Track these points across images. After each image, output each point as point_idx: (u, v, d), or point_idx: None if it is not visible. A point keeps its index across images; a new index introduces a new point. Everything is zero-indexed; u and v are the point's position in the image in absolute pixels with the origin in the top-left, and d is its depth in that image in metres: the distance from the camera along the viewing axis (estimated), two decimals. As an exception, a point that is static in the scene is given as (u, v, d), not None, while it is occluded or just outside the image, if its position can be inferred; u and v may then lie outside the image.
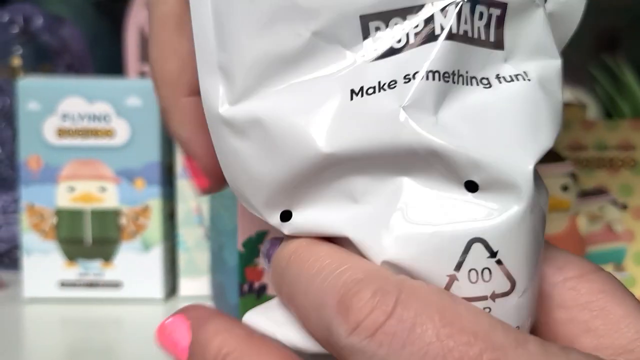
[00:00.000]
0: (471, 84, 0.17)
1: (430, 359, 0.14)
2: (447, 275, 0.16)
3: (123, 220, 0.39)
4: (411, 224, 0.16)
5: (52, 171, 0.39)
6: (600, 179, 0.38)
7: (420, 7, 0.17)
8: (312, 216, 0.18)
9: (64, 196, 0.39)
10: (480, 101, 0.17)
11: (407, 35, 0.17)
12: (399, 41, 0.17)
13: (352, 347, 0.15)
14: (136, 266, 0.40)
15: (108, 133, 0.39)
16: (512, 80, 0.17)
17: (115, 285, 0.40)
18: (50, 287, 0.40)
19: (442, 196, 0.17)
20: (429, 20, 0.17)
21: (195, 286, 0.40)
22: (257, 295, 0.31)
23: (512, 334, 0.14)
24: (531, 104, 0.17)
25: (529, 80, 0.18)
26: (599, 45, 0.67)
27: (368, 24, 0.17)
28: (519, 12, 0.18)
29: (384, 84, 0.16)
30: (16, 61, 0.47)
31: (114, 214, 0.39)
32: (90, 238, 0.40)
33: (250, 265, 0.31)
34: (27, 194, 0.39)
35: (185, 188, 0.40)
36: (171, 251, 0.42)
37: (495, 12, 0.17)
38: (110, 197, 0.39)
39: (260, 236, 0.31)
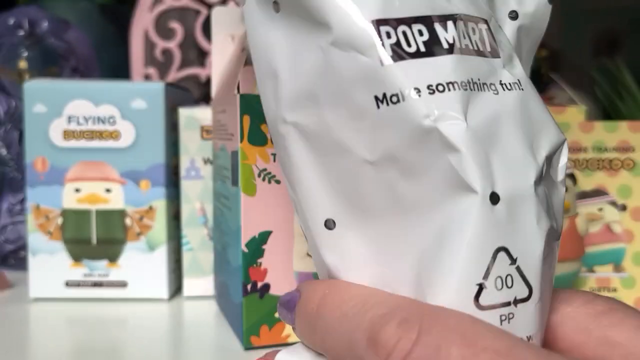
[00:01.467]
0: (484, 90, 0.18)
1: None
2: (477, 284, 0.17)
3: (128, 221, 0.40)
4: None
5: (58, 172, 0.40)
6: (600, 180, 0.39)
7: (426, 18, 0.18)
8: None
9: (70, 197, 0.40)
10: (493, 107, 0.18)
11: (417, 42, 0.17)
12: (410, 46, 0.17)
13: None
14: (141, 266, 0.40)
15: (113, 135, 0.39)
16: (511, 89, 0.18)
17: (121, 285, 0.40)
18: (56, 287, 0.40)
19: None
20: (434, 32, 0.18)
21: (199, 286, 0.41)
22: (260, 294, 0.31)
23: (533, 350, 0.15)
24: (525, 115, 0.18)
25: (522, 89, 0.18)
26: (599, 47, 0.67)
27: (380, 28, 0.17)
28: (497, 27, 0.19)
29: (407, 92, 0.17)
30: (22, 64, 0.48)
31: (119, 214, 0.40)
32: (95, 238, 0.40)
33: (253, 265, 0.31)
34: (33, 195, 0.40)
35: (190, 189, 0.40)
36: (176, 251, 0.42)
37: (483, 26, 0.19)
38: (115, 198, 0.40)
39: (263, 236, 0.31)
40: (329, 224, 0.19)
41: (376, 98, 0.17)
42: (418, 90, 0.17)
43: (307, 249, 0.31)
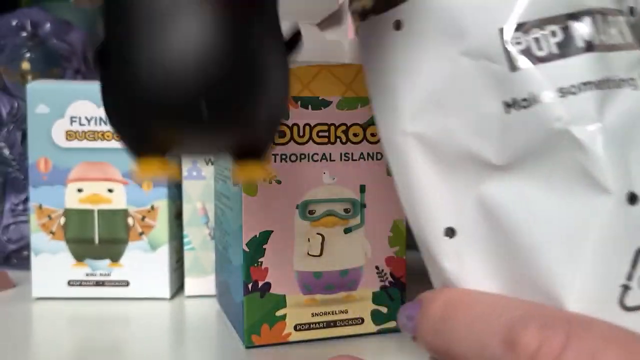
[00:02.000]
0: (621, 87, 0.18)
1: None
2: (620, 286, 0.17)
3: (130, 221, 0.40)
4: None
5: (60, 173, 0.40)
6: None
7: (559, 17, 0.18)
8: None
9: (72, 197, 0.40)
10: (631, 104, 0.17)
11: (549, 45, 0.17)
12: (541, 50, 0.17)
13: None
14: (143, 266, 0.40)
15: (115, 136, 0.39)
16: None
17: (123, 284, 0.40)
18: (58, 287, 0.40)
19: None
20: (568, 31, 0.17)
21: (201, 285, 0.41)
22: (261, 293, 0.32)
23: None
24: None
25: None
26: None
27: (510, 35, 0.17)
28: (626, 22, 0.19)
29: (537, 96, 0.17)
30: (25, 65, 0.48)
31: (122, 214, 0.40)
32: (97, 238, 0.40)
33: (254, 265, 0.31)
34: (36, 195, 0.40)
35: (191, 189, 0.41)
36: (178, 251, 0.42)
37: (621, 18, 0.18)
38: (117, 198, 0.40)
39: (264, 236, 0.31)
40: (449, 233, 0.19)
41: (505, 103, 0.17)
42: (549, 94, 0.17)
43: (308, 250, 0.32)
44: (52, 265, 0.40)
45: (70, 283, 0.40)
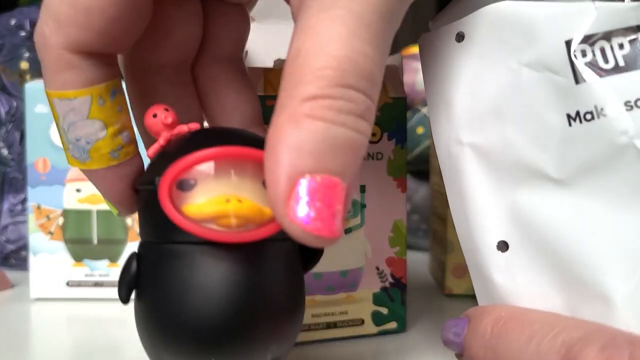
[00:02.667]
0: None
1: None
2: None
3: (129, 221, 0.40)
4: None
5: (59, 173, 0.40)
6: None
7: (628, 30, 0.17)
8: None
9: (71, 197, 0.40)
10: None
11: (615, 57, 0.17)
12: (607, 63, 0.17)
13: None
14: (142, 266, 0.40)
15: (114, 135, 0.39)
16: None
17: (121, 285, 0.40)
18: (57, 287, 0.40)
19: None
20: (635, 43, 0.17)
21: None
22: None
23: None
24: None
25: None
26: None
27: (575, 47, 0.17)
28: None
29: (601, 109, 0.17)
30: (24, 65, 0.48)
31: (120, 214, 0.40)
32: (96, 238, 0.40)
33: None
34: (34, 195, 0.40)
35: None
36: (176, 252, 0.42)
37: None
38: (116, 198, 0.40)
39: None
40: (502, 246, 0.19)
41: (568, 116, 0.17)
42: (615, 107, 0.17)
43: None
44: (50, 266, 0.40)
45: (69, 283, 0.40)
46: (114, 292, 0.40)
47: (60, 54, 0.18)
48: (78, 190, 0.40)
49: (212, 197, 0.19)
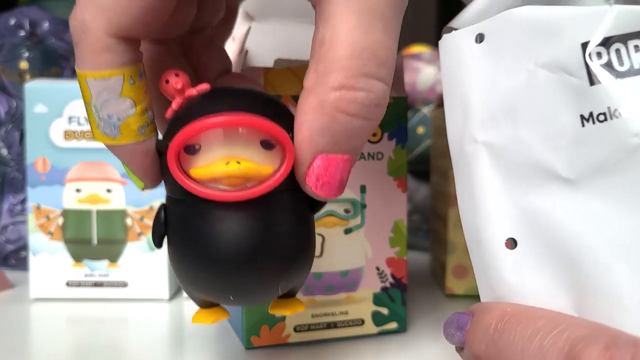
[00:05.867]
0: None
1: None
2: None
3: (129, 221, 0.40)
4: None
5: (58, 173, 0.40)
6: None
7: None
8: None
9: (71, 197, 0.40)
10: None
11: (631, 60, 0.17)
12: (622, 65, 0.17)
13: None
14: (142, 266, 0.40)
15: (114, 135, 0.39)
16: None
17: (121, 285, 0.40)
18: (57, 287, 0.40)
19: None
20: None
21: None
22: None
23: None
24: None
25: None
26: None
27: (590, 49, 0.18)
28: None
29: (615, 110, 0.17)
30: (23, 65, 0.48)
31: (120, 215, 0.40)
32: (96, 239, 0.40)
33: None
34: (34, 195, 0.40)
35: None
36: (176, 252, 0.42)
37: None
38: (116, 198, 0.40)
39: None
40: (511, 243, 0.19)
41: (582, 117, 0.17)
42: (628, 109, 0.17)
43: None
44: (50, 266, 0.40)
45: (69, 284, 0.40)
46: (113, 292, 0.40)
47: (99, 37, 0.20)
48: (78, 190, 0.40)
49: (214, 160, 0.21)
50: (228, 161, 0.21)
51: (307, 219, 0.24)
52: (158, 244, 0.24)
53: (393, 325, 0.33)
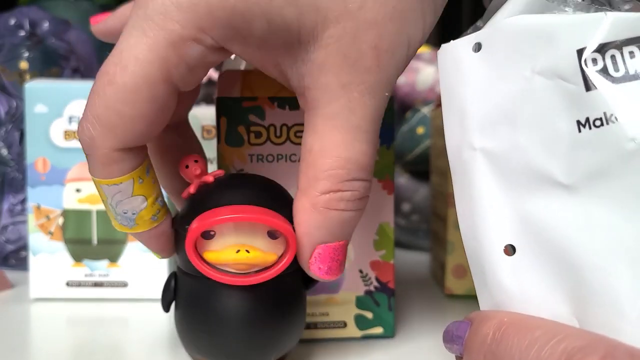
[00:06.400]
0: None
1: None
2: None
3: (129, 221, 0.40)
4: None
5: (59, 173, 0.40)
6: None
7: (637, 38, 0.18)
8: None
9: (71, 197, 0.40)
10: None
11: (626, 66, 0.18)
12: (618, 71, 0.18)
13: None
14: (142, 266, 0.40)
15: (114, 135, 0.39)
16: None
17: (121, 285, 0.40)
18: (57, 287, 0.40)
19: None
20: None
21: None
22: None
23: None
24: None
25: None
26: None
27: (586, 55, 0.18)
28: None
29: (610, 115, 0.17)
30: (23, 65, 0.48)
31: (120, 215, 0.40)
32: (96, 239, 0.40)
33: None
34: (34, 195, 0.40)
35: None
36: (176, 252, 0.42)
37: None
38: (116, 198, 0.40)
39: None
40: (509, 250, 0.19)
41: (578, 122, 0.18)
42: (623, 114, 0.17)
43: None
44: (50, 266, 0.40)
45: (69, 284, 0.40)
46: (113, 292, 0.40)
47: (106, 153, 0.22)
48: (78, 190, 0.40)
49: (225, 246, 0.24)
50: (238, 249, 0.24)
51: (301, 297, 0.27)
52: (166, 309, 0.27)
53: (378, 330, 0.33)
